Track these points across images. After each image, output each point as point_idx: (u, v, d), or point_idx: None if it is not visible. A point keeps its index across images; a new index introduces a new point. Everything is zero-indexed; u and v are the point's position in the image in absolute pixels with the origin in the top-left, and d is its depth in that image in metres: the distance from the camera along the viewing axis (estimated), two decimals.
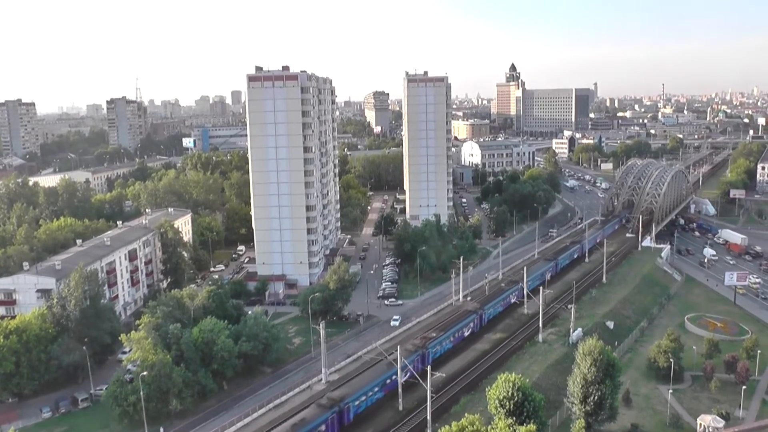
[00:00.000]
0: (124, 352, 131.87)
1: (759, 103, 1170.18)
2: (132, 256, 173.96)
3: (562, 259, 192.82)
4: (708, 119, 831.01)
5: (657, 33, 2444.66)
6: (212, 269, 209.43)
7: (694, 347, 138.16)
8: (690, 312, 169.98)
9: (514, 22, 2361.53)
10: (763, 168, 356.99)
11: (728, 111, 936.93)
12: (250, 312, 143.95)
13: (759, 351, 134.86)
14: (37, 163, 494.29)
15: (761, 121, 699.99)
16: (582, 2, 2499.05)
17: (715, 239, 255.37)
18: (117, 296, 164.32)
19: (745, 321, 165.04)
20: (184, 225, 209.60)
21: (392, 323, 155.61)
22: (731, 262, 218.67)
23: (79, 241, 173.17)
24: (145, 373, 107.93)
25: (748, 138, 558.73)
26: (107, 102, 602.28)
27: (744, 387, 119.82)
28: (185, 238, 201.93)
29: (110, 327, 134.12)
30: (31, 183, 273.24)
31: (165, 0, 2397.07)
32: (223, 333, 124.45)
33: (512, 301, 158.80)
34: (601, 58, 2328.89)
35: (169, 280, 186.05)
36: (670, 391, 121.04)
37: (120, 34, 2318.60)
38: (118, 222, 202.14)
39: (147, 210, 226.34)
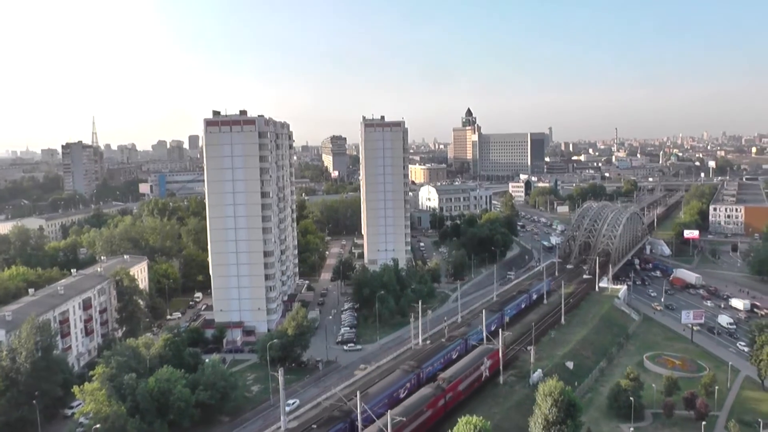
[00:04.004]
0: (74, 406, 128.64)
1: (709, 147, 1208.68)
2: (86, 305, 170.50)
3: (509, 309, 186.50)
4: (661, 162, 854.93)
5: (610, 79, 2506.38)
6: (169, 317, 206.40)
7: (653, 385, 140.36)
8: (648, 351, 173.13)
9: (470, 69, 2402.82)
10: (715, 209, 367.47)
11: (680, 154, 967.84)
12: (207, 360, 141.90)
13: (717, 387, 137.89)
14: None
15: (712, 163, 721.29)
16: (536, 50, 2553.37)
17: (653, 274, 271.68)
18: (70, 347, 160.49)
19: (702, 358, 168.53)
20: (141, 272, 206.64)
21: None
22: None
23: (31, 291, 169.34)
24: (98, 425, 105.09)
25: (700, 180, 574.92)
26: (62, 146, 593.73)
27: (704, 423, 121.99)
28: (141, 286, 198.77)
29: (62, 379, 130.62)
30: None
31: (122, 45, 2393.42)
32: (180, 382, 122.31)
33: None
34: (555, 103, 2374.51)
35: (124, 328, 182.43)
36: (632, 429, 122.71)
37: (76, 78, 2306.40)
38: (72, 270, 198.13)
39: (102, 257, 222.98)
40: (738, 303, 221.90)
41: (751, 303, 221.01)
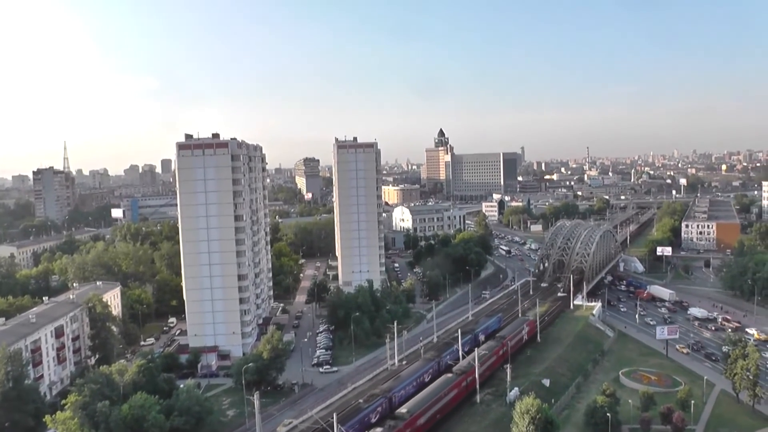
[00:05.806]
0: None
1: (680, 165, 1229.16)
2: (59, 333, 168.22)
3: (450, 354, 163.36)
4: (632, 180, 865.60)
5: (581, 99, 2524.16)
6: (143, 343, 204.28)
7: (630, 401, 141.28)
8: (624, 366, 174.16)
9: (442, 89, 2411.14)
10: (687, 226, 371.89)
11: (651, 172, 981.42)
12: (182, 385, 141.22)
13: (693, 401, 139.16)
14: None
15: (683, 181, 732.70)
16: (507, 71, 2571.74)
17: (622, 288, 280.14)
18: (42, 376, 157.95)
19: (677, 373, 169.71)
20: (114, 298, 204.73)
21: None
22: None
23: (2, 320, 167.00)
24: None
25: (671, 198, 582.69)
26: (34, 172, 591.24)
27: None
28: (114, 312, 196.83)
29: (34, 408, 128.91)
30: None
31: (91, 70, 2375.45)
32: (154, 408, 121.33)
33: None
34: (527, 123, 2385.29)
35: (97, 356, 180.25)
36: None
37: (47, 103, 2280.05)
38: (44, 298, 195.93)
39: (74, 284, 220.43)
40: (696, 312, 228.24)
41: (716, 314, 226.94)
